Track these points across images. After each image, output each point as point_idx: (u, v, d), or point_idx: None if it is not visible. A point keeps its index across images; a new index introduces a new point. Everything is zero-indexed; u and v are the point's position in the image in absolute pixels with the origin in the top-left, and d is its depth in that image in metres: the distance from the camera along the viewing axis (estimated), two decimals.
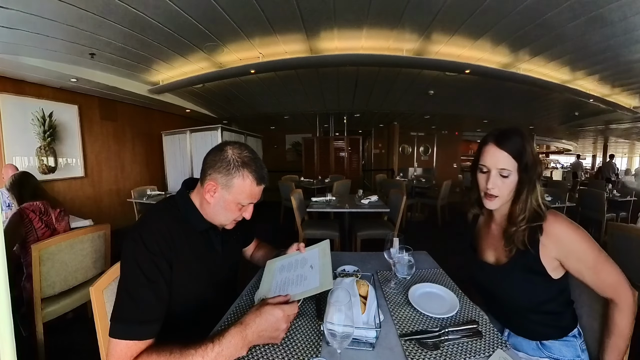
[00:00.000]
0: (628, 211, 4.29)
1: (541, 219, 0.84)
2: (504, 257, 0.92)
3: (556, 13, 2.59)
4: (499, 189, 0.87)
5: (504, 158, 0.85)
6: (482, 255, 1.03)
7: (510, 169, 0.85)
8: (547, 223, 0.83)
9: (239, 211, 0.88)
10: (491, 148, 0.87)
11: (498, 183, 0.86)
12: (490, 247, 1.00)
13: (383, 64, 3.93)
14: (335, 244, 2.85)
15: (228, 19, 2.78)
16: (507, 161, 0.84)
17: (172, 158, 5.29)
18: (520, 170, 0.85)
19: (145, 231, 0.78)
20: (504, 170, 0.85)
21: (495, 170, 0.86)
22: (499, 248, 0.96)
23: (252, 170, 0.83)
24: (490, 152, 0.87)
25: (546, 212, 0.85)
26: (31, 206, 1.73)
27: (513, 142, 0.85)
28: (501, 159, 0.85)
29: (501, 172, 0.85)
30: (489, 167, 0.87)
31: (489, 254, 1.00)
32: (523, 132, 0.88)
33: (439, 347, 0.72)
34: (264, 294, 0.88)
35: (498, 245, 0.96)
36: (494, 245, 0.99)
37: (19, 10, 2.31)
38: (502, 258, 0.94)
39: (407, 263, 1.03)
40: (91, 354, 1.65)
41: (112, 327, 0.68)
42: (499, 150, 0.85)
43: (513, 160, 0.84)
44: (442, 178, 6.49)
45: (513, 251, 0.88)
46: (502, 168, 0.85)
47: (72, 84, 3.90)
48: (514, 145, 0.84)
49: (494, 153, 0.86)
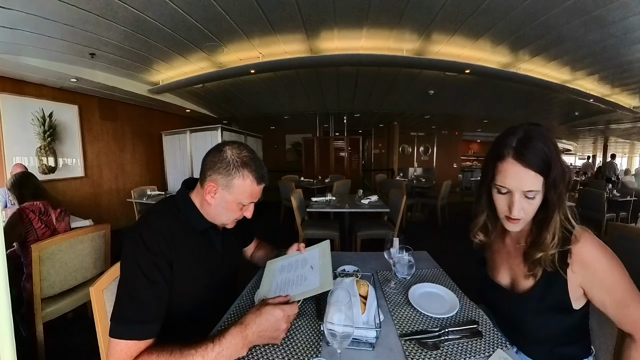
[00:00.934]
0: (628, 211, 4.29)
1: (570, 241, 0.70)
2: (523, 280, 0.80)
3: (556, 13, 2.59)
4: (524, 211, 0.71)
5: (531, 178, 0.67)
6: (494, 272, 0.90)
7: (537, 189, 0.68)
8: (578, 246, 0.69)
9: (240, 211, 0.88)
10: (512, 166, 0.68)
11: (524, 205, 0.70)
12: (504, 264, 0.87)
13: (383, 64, 3.93)
14: (335, 244, 2.85)
15: (228, 19, 2.78)
16: (534, 181, 0.67)
17: (172, 158, 5.29)
18: (546, 187, 0.68)
19: (146, 231, 0.78)
20: (531, 192, 0.68)
21: (520, 193, 0.69)
22: (515, 268, 0.83)
23: (252, 169, 0.83)
24: (511, 172, 0.69)
25: (576, 230, 0.71)
26: (31, 206, 1.73)
27: (539, 154, 0.66)
28: (527, 180, 0.67)
29: (527, 194, 0.69)
30: (511, 189, 0.70)
31: (503, 273, 0.88)
32: (546, 131, 0.70)
33: (439, 347, 0.72)
34: (264, 294, 0.88)
35: (514, 264, 0.84)
36: (508, 264, 0.86)
37: (19, 10, 2.31)
38: (521, 281, 0.81)
39: (407, 263, 1.03)
40: (91, 354, 1.66)
41: (112, 327, 0.68)
42: (523, 168, 0.67)
43: (540, 177, 0.67)
44: (442, 178, 6.50)
45: (537, 276, 0.75)
46: (529, 190, 0.68)
47: (72, 84, 3.90)
48: (540, 158, 0.66)
49: (517, 172, 0.68)
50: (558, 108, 6.30)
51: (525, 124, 0.73)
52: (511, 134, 0.71)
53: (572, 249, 0.70)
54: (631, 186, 5.01)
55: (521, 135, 0.70)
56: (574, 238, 0.70)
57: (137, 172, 5.48)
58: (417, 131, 9.64)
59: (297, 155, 9.30)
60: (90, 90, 4.27)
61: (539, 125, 0.72)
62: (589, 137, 11.22)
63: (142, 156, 5.59)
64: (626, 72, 4.04)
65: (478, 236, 0.89)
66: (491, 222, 0.87)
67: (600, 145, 13.31)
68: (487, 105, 6.29)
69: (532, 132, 0.70)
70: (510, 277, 0.86)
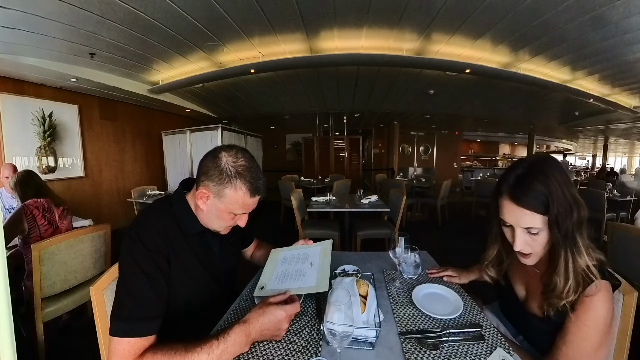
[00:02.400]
0: (628, 211, 4.30)
1: (586, 289, 0.66)
2: (535, 302, 0.80)
3: (556, 13, 2.59)
4: (530, 246, 0.71)
5: (527, 216, 0.67)
6: (513, 277, 0.90)
7: (538, 226, 0.67)
8: (592, 297, 0.65)
9: (232, 220, 0.86)
10: (508, 204, 0.70)
11: (528, 240, 0.71)
12: (522, 278, 0.86)
13: (383, 64, 3.93)
14: (335, 243, 2.85)
15: (228, 18, 2.78)
16: (532, 219, 0.67)
17: (172, 158, 5.29)
18: (549, 225, 0.66)
19: (143, 230, 0.78)
20: (532, 228, 0.68)
21: (521, 228, 0.70)
22: (530, 286, 0.82)
23: (245, 181, 0.79)
24: (508, 209, 0.70)
25: (599, 283, 0.65)
26: (35, 203, 1.74)
27: (533, 194, 0.66)
28: (523, 218, 0.68)
29: (529, 230, 0.69)
30: (511, 223, 0.71)
31: (519, 285, 0.87)
32: (550, 166, 0.68)
33: (438, 348, 0.72)
34: (265, 282, 0.92)
35: (530, 282, 0.82)
36: (525, 279, 0.85)
37: (19, 10, 2.31)
38: (533, 301, 0.81)
39: (413, 263, 1.02)
40: (91, 354, 1.66)
41: (112, 325, 0.68)
42: (517, 207, 0.68)
43: (540, 216, 0.66)
44: (442, 178, 6.49)
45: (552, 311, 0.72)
46: (528, 227, 0.69)
47: (72, 83, 3.90)
48: (535, 197, 0.66)
49: (512, 211, 0.69)
50: (558, 108, 6.30)
51: (534, 156, 0.73)
52: (513, 169, 0.72)
53: (585, 299, 0.66)
54: (630, 185, 5.00)
55: (520, 172, 0.70)
56: (593, 289, 0.65)
57: (137, 172, 5.48)
58: (417, 131, 9.65)
59: (297, 155, 9.30)
60: (90, 90, 4.27)
61: (547, 159, 0.70)
62: (589, 137, 11.22)
63: (142, 156, 5.59)
64: (626, 72, 4.04)
65: (489, 272, 0.87)
66: (506, 253, 0.87)
67: (600, 145, 13.32)
68: (487, 105, 6.29)
69: (533, 168, 0.69)
70: (525, 290, 0.86)
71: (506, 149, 13.94)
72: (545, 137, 11.62)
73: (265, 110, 6.83)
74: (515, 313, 0.90)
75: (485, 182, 5.92)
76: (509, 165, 0.75)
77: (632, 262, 1.56)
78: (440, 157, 9.96)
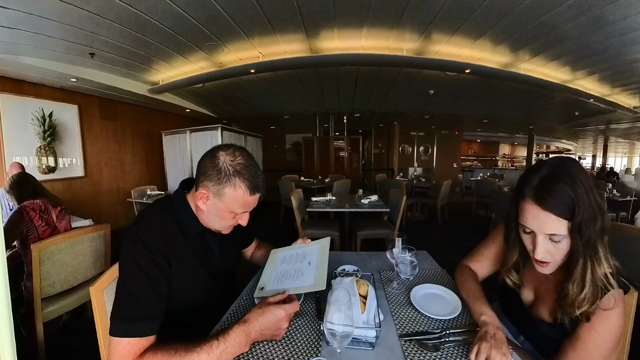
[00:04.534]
0: (628, 211, 4.30)
1: (603, 301, 0.63)
2: (544, 308, 0.78)
3: (556, 13, 2.59)
4: (551, 255, 0.67)
5: (552, 222, 0.63)
6: (521, 280, 0.86)
7: (563, 232, 0.63)
8: (608, 311, 0.63)
9: (234, 219, 0.86)
10: (532, 207, 0.65)
11: (550, 248, 0.66)
12: (531, 284, 0.84)
13: (383, 64, 3.93)
14: (335, 243, 2.85)
15: (228, 18, 2.78)
16: (557, 225, 0.63)
17: (172, 158, 5.29)
18: (571, 231, 0.63)
19: (143, 230, 0.78)
20: (555, 235, 0.64)
21: (543, 235, 0.66)
22: (540, 292, 0.80)
23: (244, 179, 0.79)
24: (531, 213, 0.66)
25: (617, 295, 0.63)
26: (31, 204, 1.73)
27: (560, 197, 0.61)
28: (549, 224, 0.63)
29: (552, 237, 0.65)
30: (533, 230, 0.67)
31: (528, 289, 0.85)
32: (575, 169, 0.64)
33: (439, 349, 0.72)
34: (265, 283, 0.93)
35: (541, 288, 0.80)
36: (535, 284, 0.83)
37: (19, 10, 2.31)
38: (541, 307, 0.79)
39: (410, 263, 1.02)
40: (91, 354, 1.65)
41: (112, 326, 0.68)
42: (542, 211, 0.63)
43: (564, 221, 0.62)
44: (442, 178, 6.49)
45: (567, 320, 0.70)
46: (551, 234, 0.65)
47: (72, 83, 3.89)
48: (562, 201, 0.61)
49: (537, 215, 0.65)
50: (558, 108, 6.30)
51: (556, 158, 0.69)
52: (535, 171, 0.67)
53: (602, 312, 0.64)
54: (630, 186, 5.00)
55: (544, 173, 0.65)
56: (612, 301, 0.63)
57: (137, 172, 5.48)
58: (417, 131, 9.65)
59: (297, 155, 9.30)
60: (90, 90, 4.27)
61: (570, 160, 0.67)
62: (589, 137, 11.22)
63: (142, 156, 5.58)
64: (626, 72, 4.04)
65: (512, 276, 0.83)
66: (522, 260, 0.82)
67: (600, 145, 13.32)
68: (487, 105, 6.29)
69: (558, 170, 0.64)
70: (533, 294, 0.83)
71: (506, 149, 13.95)
72: (545, 137, 11.63)
73: (265, 110, 6.83)
74: (519, 315, 0.89)
75: (485, 182, 5.93)
76: (529, 167, 0.70)
77: (632, 262, 1.56)
78: (440, 157, 9.96)
